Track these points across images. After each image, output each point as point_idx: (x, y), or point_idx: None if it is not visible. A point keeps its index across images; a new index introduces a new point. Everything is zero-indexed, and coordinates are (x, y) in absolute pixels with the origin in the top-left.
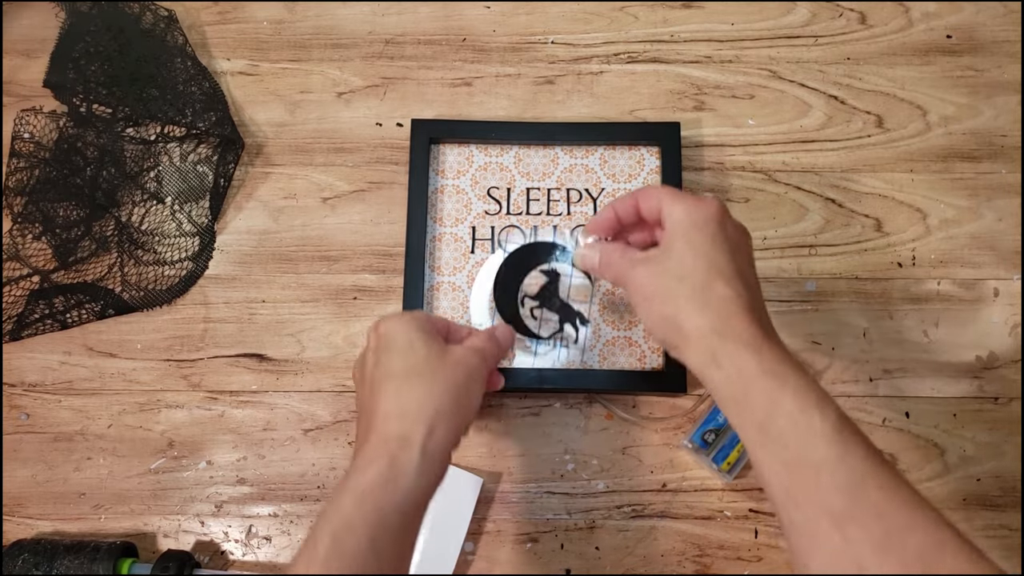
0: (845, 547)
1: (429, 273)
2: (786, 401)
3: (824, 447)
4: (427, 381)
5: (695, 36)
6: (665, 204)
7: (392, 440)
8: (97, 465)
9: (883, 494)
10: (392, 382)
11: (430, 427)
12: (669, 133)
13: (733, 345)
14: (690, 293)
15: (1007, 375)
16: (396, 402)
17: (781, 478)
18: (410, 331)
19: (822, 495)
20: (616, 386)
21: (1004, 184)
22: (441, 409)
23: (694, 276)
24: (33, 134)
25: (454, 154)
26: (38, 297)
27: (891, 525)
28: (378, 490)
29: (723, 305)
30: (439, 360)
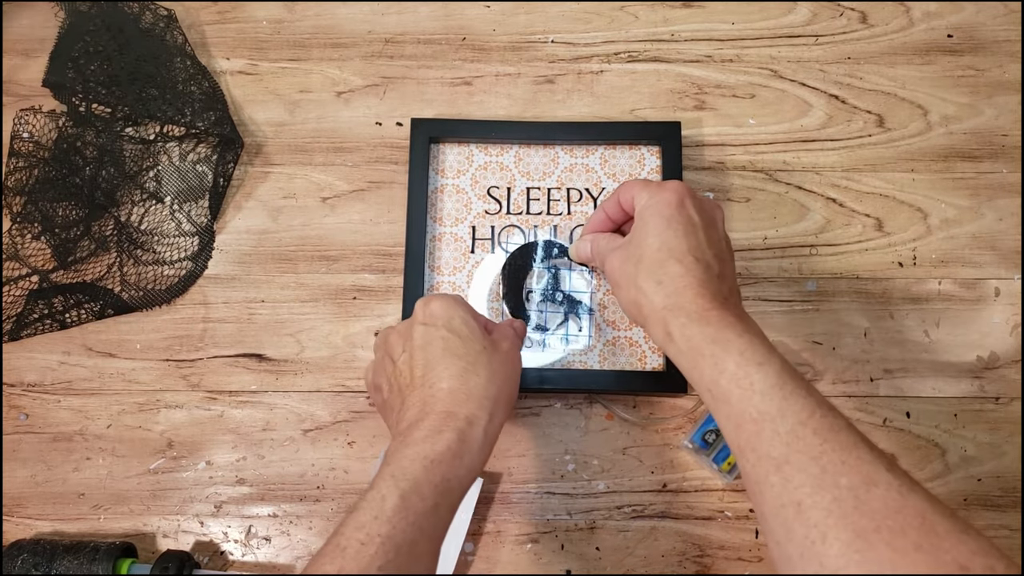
0: (784, 487)
1: (429, 273)
2: (729, 364)
3: (763, 402)
4: (486, 368)
5: (696, 35)
6: (635, 193)
7: (460, 418)
8: (96, 465)
9: (818, 438)
10: (456, 361)
11: (491, 413)
12: (669, 132)
13: (683, 319)
14: (646, 274)
15: (1008, 375)
16: (462, 382)
17: (731, 435)
18: (466, 316)
19: (764, 445)
20: (617, 386)
21: (1005, 184)
22: (499, 397)
23: (649, 258)
24: (32, 134)
25: (454, 153)
26: (37, 297)
27: (826, 465)
28: (447, 462)
29: (672, 282)
30: (493, 349)
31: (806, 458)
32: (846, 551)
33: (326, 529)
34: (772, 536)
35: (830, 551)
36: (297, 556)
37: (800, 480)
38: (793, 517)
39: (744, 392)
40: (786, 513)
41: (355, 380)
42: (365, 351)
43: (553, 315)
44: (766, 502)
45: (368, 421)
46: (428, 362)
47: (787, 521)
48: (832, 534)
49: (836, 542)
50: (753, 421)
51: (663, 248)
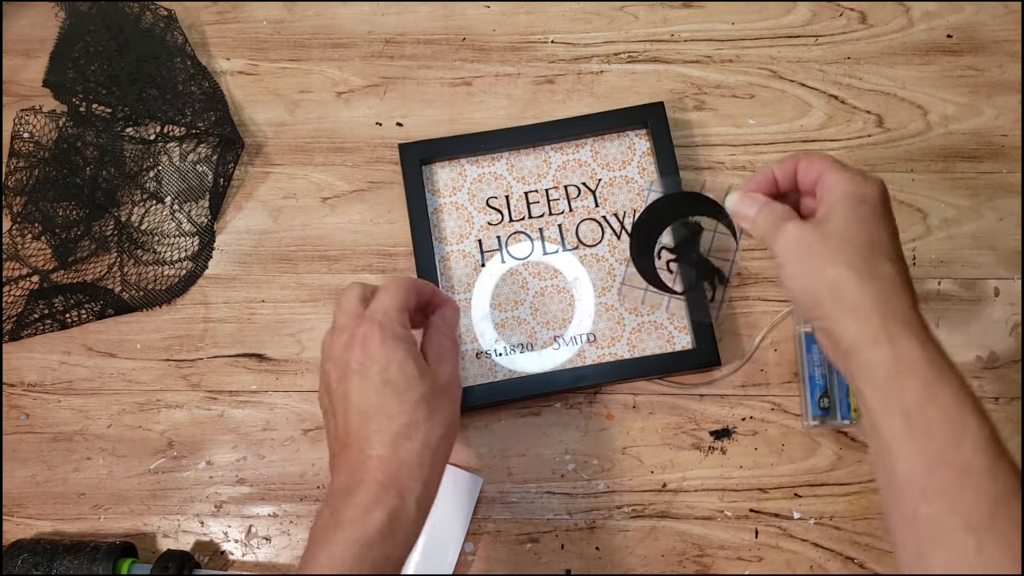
0: (978, 556)
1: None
2: (943, 395)
3: (975, 454)
4: (422, 429)
5: (695, 36)
6: (827, 173)
7: (392, 493)
8: (97, 465)
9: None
10: (389, 424)
11: (424, 482)
12: (654, 113)
13: (897, 326)
14: (854, 261)
15: (1008, 375)
16: (394, 450)
17: (917, 472)
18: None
19: (963, 501)
20: (650, 371)
21: (1005, 184)
22: (435, 463)
23: (859, 245)
24: (33, 134)
25: (446, 172)
26: (37, 297)
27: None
28: (379, 543)
29: (888, 282)
30: (432, 397)
31: (1012, 530)
32: None
33: None
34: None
35: None
36: (297, 556)
37: (1000, 552)
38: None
39: (956, 433)
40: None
41: None
42: None
43: (684, 277)
44: (941, 558)
45: None
46: (361, 419)
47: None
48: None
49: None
50: (958, 470)
51: (873, 242)
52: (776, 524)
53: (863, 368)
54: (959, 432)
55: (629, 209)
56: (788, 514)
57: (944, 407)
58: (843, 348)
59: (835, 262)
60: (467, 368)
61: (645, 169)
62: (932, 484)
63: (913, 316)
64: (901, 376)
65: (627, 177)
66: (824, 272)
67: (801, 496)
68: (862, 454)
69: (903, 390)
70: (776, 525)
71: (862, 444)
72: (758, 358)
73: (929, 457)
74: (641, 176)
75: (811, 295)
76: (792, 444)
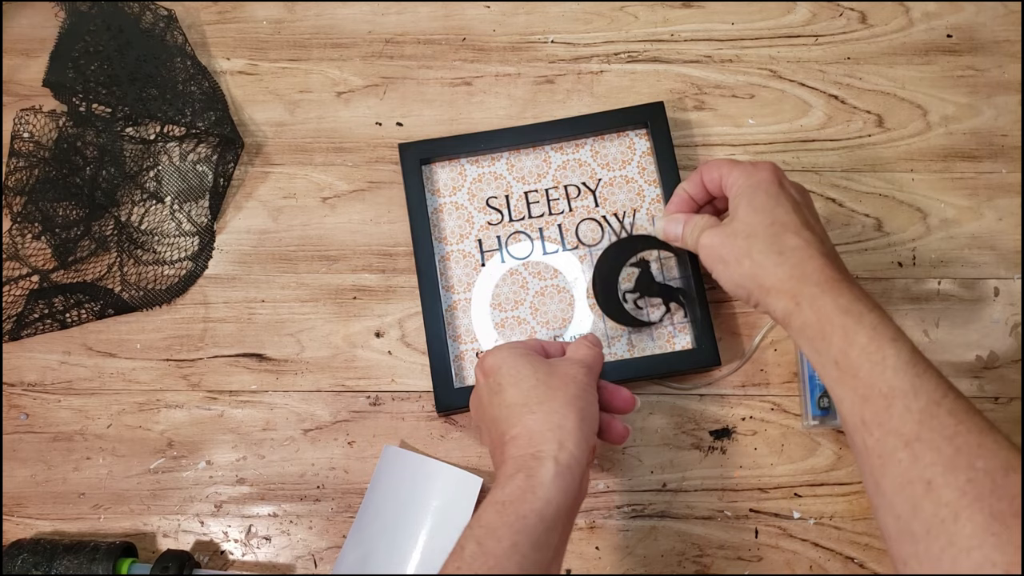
0: (913, 464)
1: (444, 294)
2: (860, 336)
3: (895, 377)
4: (545, 402)
5: (695, 36)
6: (723, 173)
7: (526, 457)
8: (96, 465)
9: (953, 419)
10: (513, 410)
11: (559, 442)
12: (654, 113)
13: (813, 288)
14: (762, 248)
15: (1007, 375)
16: (523, 427)
17: (854, 408)
18: (514, 359)
19: (894, 421)
20: (651, 372)
21: (1004, 184)
22: (564, 424)
23: (762, 232)
24: (33, 133)
25: (445, 172)
26: (37, 297)
27: (961, 446)
28: (518, 500)
29: (795, 254)
30: (549, 379)
31: (939, 437)
32: (980, 532)
33: (326, 529)
34: (891, 511)
35: (962, 531)
36: (297, 556)
37: (931, 458)
38: (922, 494)
39: (875, 366)
40: (913, 490)
41: (355, 380)
42: (365, 351)
43: (654, 309)
44: (889, 477)
45: (368, 421)
46: (497, 420)
47: (914, 497)
48: (965, 514)
49: (969, 523)
50: (883, 396)
51: (775, 223)
52: (776, 524)
53: (798, 332)
54: (879, 364)
55: (629, 209)
56: (788, 514)
57: (863, 346)
58: (781, 323)
59: (747, 254)
60: (466, 368)
61: (645, 169)
62: (868, 414)
63: (824, 275)
64: (824, 331)
65: (627, 177)
66: (741, 266)
67: (801, 496)
68: None
69: (829, 342)
70: (776, 525)
71: None
72: (758, 358)
73: (860, 392)
74: (641, 176)
75: (740, 288)
76: (792, 444)
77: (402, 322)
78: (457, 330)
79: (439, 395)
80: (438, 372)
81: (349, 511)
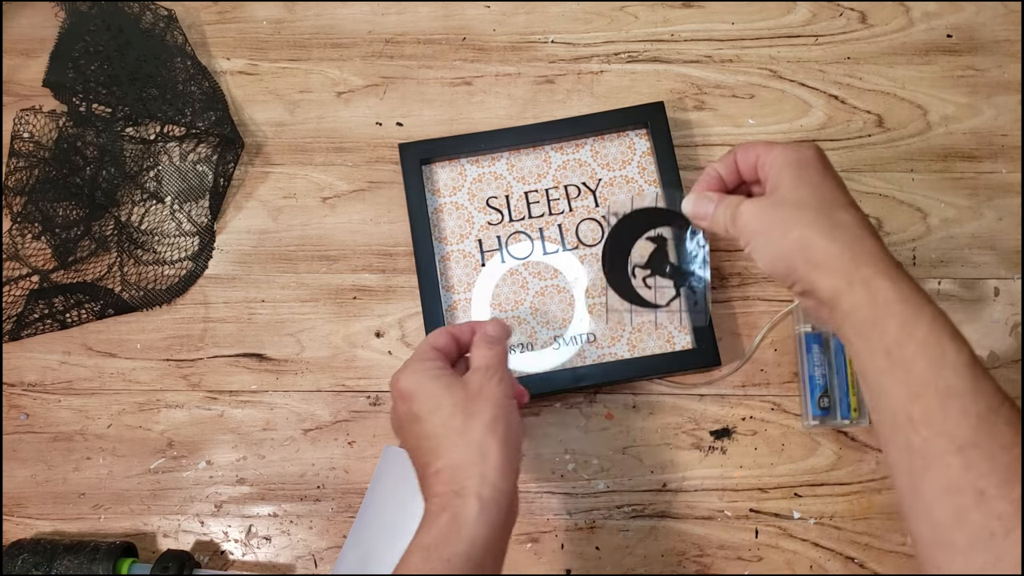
0: (964, 472)
1: (445, 294)
2: (920, 329)
3: (955, 377)
4: (465, 432)
5: (695, 35)
6: (762, 152)
7: (449, 496)
8: (97, 465)
9: (1011, 429)
10: (433, 442)
11: (481, 475)
12: (654, 113)
13: (869, 269)
14: (814, 218)
15: (1007, 375)
16: (444, 461)
17: (904, 403)
18: (429, 383)
19: (948, 422)
20: (650, 371)
21: (1004, 183)
22: (486, 454)
23: (813, 204)
24: (33, 134)
25: (446, 172)
26: (38, 297)
27: (1019, 457)
28: (442, 543)
29: (850, 230)
30: (467, 403)
31: (997, 446)
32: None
33: (326, 529)
34: (928, 516)
35: (1012, 549)
36: (297, 556)
37: (986, 468)
38: (972, 505)
39: (933, 362)
40: (962, 499)
41: (355, 380)
42: (365, 351)
43: (663, 290)
44: (932, 480)
45: (368, 421)
46: (418, 449)
47: (962, 507)
48: (1018, 532)
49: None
50: (939, 394)
51: (825, 198)
52: (776, 524)
53: (845, 316)
54: (937, 360)
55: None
56: (788, 514)
57: (922, 340)
58: (824, 302)
59: (795, 224)
60: None
61: (645, 169)
62: (917, 412)
63: (881, 256)
64: (879, 317)
65: (627, 177)
66: (787, 238)
67: (801, 496)
68: (862, 454)
69: (883, 330)
70: (776, 525)
71: (862, 444)
72: (758, 358)
73: (912, 388)
74: (641, 176)
75: (782, 262)
76: (792, 444)
77: (402, 322)
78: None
79: None
80: None
81: (349, 511)
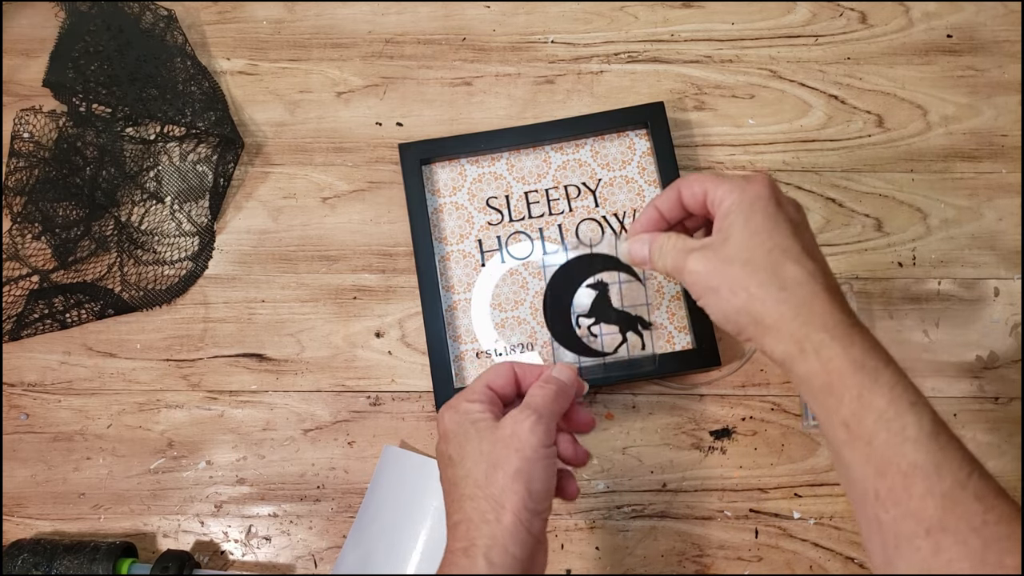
0: (934, 556)
1: (445, 294)
2: (877, 400)
3: (916, 452)
4: (484, 486)
5: (695, 36)
6: (710, 188)
7: (458, 552)
8: (97, 465)
9: (980, 505)
10: (456, 491)
11: (492, 537)
12: (654, 113)
13: (820, 335)
14: (763, 278)
15: (1007, 375)
16: (462, 514)
17: (866, 478)
18: (463, 428)
19: (913, 502)
20: (651, 372)
21: (1004, 184)
22: (501, 513)
23: (760, 259)
24: (33, 134)
25: (446, 172)
26: (37, 297)
27: (988, 539)
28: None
29: (801, 287)
30: (493, 451)
31: (966, 528)
32: None
33: (326, 529)
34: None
35: None
36: (297, 556)
37: (957, 553)
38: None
39: (894, 436)
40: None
41: (355, 380)
42: (365, 351)
43: (609, 337)
44: (905, 561)
45: (368, 421)
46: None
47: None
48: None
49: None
50: (902, 473)
51: (775, 249)
52: (776, 524)
53: (801, 381)
54: (898, 435)
55: (629, 209)
56: (788, 514)
57: (880, 412)
58: (779, 365)
59: (744, 285)
60: (466, 369)
61: (645, 169)
62: (883, 490)
63: (833, 318)
64: (833, 387)
65: (627, 177)
66: (736, 300)
67: (801, 496)
68: None
69: (839, 401)
70: (776, 525)
71: None
72: (758, 358)
73: (875, 464)
74: (641, 176)
75: (732, 323)
76: (792, 444)
77: (402, 322)
78: (457, 330)
79: (439, 395)
80: (438, 372)
81: (349, 511)
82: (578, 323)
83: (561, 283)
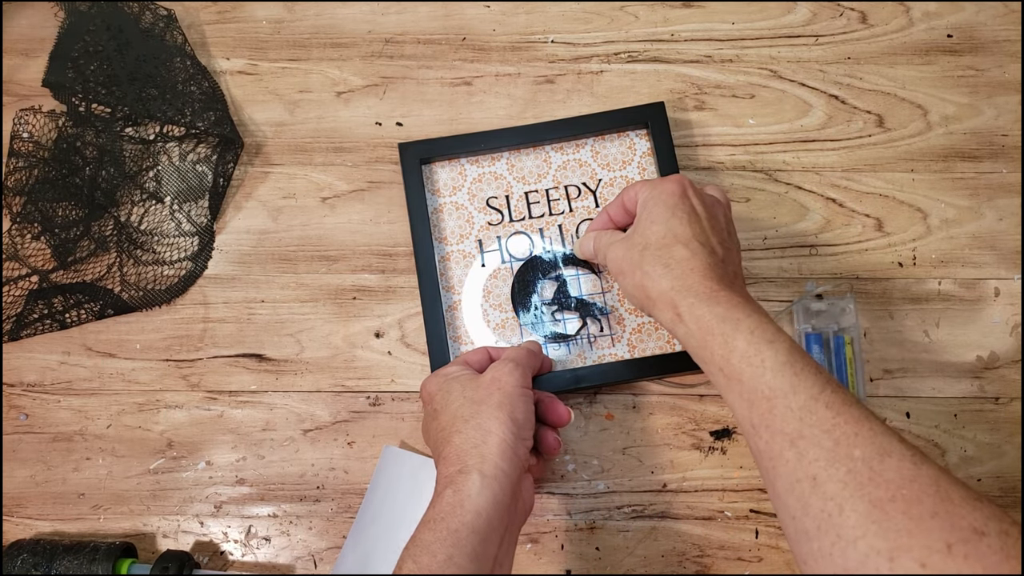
0: (799, 462)
1: (445, 294)
2: (739, 341)
3: (775, 378)
4: (471, 419)
5: (695, 35)
6: (639, 191)
7: (453, 474)
8: (96, 465)
9: (830, 412)
10: (444, 432)
11: (482, 456)
12: (655, 113)
13: (691, 299)
14: (652, 259)
15: (1008, 375)
16: (451, 446)
17: (744, 413)
18: (446, 383)
19: (777, 421)
20: (650, 371)
21: (1005, 184)
22: (487, 439)
23: (655, 244)
24: (32, 134)
25: (446, 172)
26: (37, 297)
27: (839, 438)
28: (448, 515)
29: (679, 265)
30: (475, 392)
31: (819, 431)
32: (863, 521)
33: (326, 529)
34: (787, 511)
35: (847, 522)
36: (297, 556)
37: (815, 454)
38: (809, 491)
39: (756, 369)
40: (802, 488)
41: (355, 380)
42: (365, 351)
43: (570, 322)
44: (780, 477)
45: (368, 421)
46: (435, 441)
47: (803, 495)
48: (848, 505)
49: (853, 513)
50: (766, 398)
51: (668, 235)
52: (776, 524)
53: (684, 343)
54: (759, 367)
55: None
56: None
57: (742, 352)
58: (670, 332)
59: (638, 265)
60: None
61: (645, 169)
62: (756, 418)
63: (704, 286)
64: (705, 341)
65: (627, 177)
66: (633, 278)
67: None
68: None
69: (711, 351)
70: (776, 525)
71: None
72: None
73: (746, 397)
74: (641, 176)
75: (633, 299)
76: None
77: (402, 322)
78: (457, 330)
79: None
80: None
81: (349, 511)
82: (542, 311)
83: (527, 273)
